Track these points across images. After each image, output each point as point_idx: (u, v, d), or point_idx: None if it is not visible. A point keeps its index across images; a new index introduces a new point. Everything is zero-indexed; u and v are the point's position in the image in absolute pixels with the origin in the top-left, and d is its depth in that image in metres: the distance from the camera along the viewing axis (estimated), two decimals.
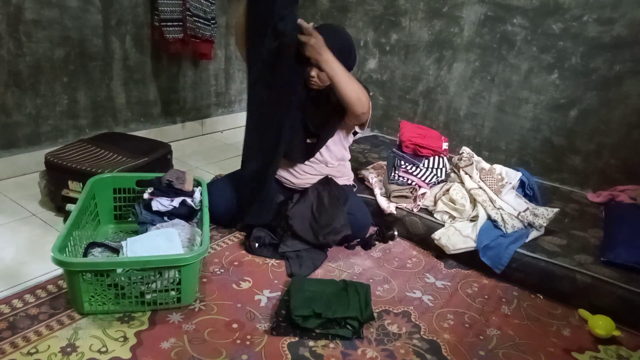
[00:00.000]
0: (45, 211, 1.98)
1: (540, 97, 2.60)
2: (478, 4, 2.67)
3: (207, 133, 3.30)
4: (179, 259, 1.34)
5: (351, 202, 1.88)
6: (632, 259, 1.66)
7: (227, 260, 1.73)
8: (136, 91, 2.74)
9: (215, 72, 3.22)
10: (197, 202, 1.76)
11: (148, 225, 1.67)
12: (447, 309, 1.58)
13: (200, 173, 2.54)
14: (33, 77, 2.24)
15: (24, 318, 1.33)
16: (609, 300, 1.59)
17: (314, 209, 1.83)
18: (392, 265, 1.83)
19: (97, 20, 2.42)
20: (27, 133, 2.29)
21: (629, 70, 2.32)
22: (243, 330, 1.37)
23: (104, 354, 1.23)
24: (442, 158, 2.21)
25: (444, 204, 2.00)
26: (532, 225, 1.89)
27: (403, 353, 1.35)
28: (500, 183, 2.06)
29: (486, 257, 1.76)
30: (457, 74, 2.85)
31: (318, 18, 3.32)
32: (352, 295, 1.49)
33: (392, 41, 3.06)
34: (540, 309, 1.64)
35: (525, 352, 1.41)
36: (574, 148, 2.56)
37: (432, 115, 3.02)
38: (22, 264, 1.61)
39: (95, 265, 1.33)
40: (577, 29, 2.41)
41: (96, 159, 1.99)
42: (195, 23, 2.73)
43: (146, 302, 1.38)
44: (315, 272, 1.72)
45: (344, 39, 1.77)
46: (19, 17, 2.12)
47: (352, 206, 1.87)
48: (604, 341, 1.50)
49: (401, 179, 2.07)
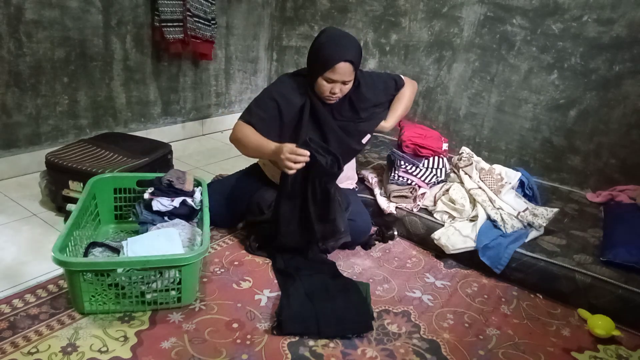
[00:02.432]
0: (45, 211, 1.99)
1: (539, 97, 2.60)
2: (478, 5, 2.68)
3: (207, 133, 3.31)
4: (179, 259, 1.34)
5: (352, 208, 1.86)
6: (631, 259, 1.66)
7: (227, 260, 1.73)
8: (136, 91, 2.74)
9: (215, 73, 3.23)
10: (198, 202, 1.77)
11: (148, 225, 1.68)
12: (447, 308, 1.59)
13: (200, 173, 2.54)
14: (33, 77, 2.25)
15: (24, 318, 1.33)
16: (609, 300, 1.59)
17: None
18: (392, 265, 1.83)
19: (97, 21, 2.42)
20: (27, 133, 2.30)
21: (628, 71, 2.32)
22: (243, 330, 1.37)
23: (105, 354, 1.23)
24: (441, 158, 2.21)
25: (443, 204, 2.00)
26: (531, 225, 1.89)
27: (403, 353, 1.35)
28: (499, 183, 2.06)
29: (486, 257, 1.77)
30: (456, 74, 2.86)
31: (318, 18, 3.33)
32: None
33: (392, 41, 3.06)
34: (540, 309, 1.64)
35: (524, 351, 1.42)
36: (573, 148, 2.56)
37: (431, 116, 3.02)
38: (23, 263, 1.61)
39: (96, 265, 1.33)
40: (577, 29, 2.41)
41: (97, 159, 2.00)
42: (195, 23, 2.74)
43: (146, 302, 1.39)
44: None
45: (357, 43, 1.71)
46: (20, 18, 2.13)
47: (353, 211, 1.85)
48: (603, 341, 1.50)
49: (401, 179, 2.08)
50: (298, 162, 1.55)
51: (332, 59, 1.61)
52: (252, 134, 1.72)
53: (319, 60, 1.65)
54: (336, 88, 1.67)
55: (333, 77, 1.64)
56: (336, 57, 1.61)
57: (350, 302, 1.49)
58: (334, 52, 1.62)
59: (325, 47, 1.65)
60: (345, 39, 1.68)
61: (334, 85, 1.67)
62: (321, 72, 1.65)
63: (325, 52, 1.63)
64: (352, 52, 1.64)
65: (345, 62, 1.62)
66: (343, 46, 1.63)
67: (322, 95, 1.72)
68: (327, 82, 1.66)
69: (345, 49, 1.63)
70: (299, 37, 3.47)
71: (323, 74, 1.65)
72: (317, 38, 1.69)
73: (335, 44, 1.64)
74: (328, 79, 1.65)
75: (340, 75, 1.64)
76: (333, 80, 1.65)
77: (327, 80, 1.66)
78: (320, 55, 1.65)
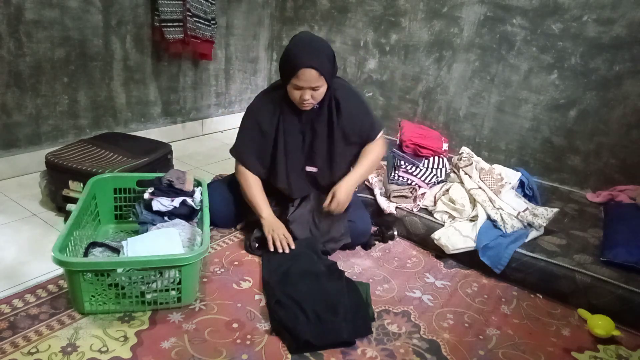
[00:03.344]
0: (45, 211, 1.98)
1: (539, 97, 2.60)
2: (478, 5, 2.68)
3: (207, 133, 3.31)
4: (179, 259, 1.34)
5: (352, 209, 1.85)
6: (631, 259, 1.66)
7: (227, 260, 1.73)
8: (136, 91, 2.74)
9: (215, 73, 3.23)
10: (198, 202, 1.77)
11: (148, 225, 1.67)
12: (447, 308, 1.59)
13: (200, 173, 2.54)
14: (33, 77, 2.25)
15: (24, 318, 1.33)
16: (609, 300, 1.59)
17: (314, 214, 1.82)
18: (392, 265, 1.83)
19: (97, 21, 2.42)
20: (27, 133, 2.30)
21: (628, 71, 2.33)
22: (243, 330, 1.37)
23: (105, 354, 1.23)
24: (441, 158, 2.21)
25: (443, 204, 2.00)
26: (531, 225, 1.89)
27: (403, 353, 1.35)
28: (499, 183, 2.06)
29: (486, 257, 1.77)
30: (456, 74, 2.86)
31: (318, 18, 3.33)
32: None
33: (392, 41, 3.06)
34: (540, 309, 1.64)
35: (524, 351, 1.42)
36: (573, 148, 2.56)
37: (431, 116, 3.02)
38: (23, 263, 1.61)
39: (96, 265, 1.33)
40: (577, 29, 2.41)
41: (97, 159, 2.00)
42: (195, 23, 2.74)
43: (147, 302, 1.39)
44: None
45: (328, 47, 1.68)
46: (20, 18, 2.13)
47: (352, 213, 1.85)
48: (603, 341, 1.50)
49: (401, 179, 2.08)
50: (279, 245, 1.71)
51: (296, 66, 1.58)
52: (254, 188, 1.82)
53: (285, 67, 1.64)
54: (306, 94, 1.63)
55: (299, 84, 1.61)
56: (299, 63, 1.58)
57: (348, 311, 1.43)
58: (297, 58, 1.59)
59: (291, 52, 1.62)
60: (312, 44, 1.64)
61: (304, 92, 1.63)
62: (289, 79, 1.63)
63: (291, 59, 1.61)
64: (316, 58, 1.59)
65: (308, 68, 1.57)
66: (307, 52, 1.59)
67: (295, 103, 1.70)
68: (295, 89, 1.64)
69: (309, 55, 1.59)
70: None
71: (290, 80, 1.62)
72: (288, 44, 1.67)
73: (300, 50, 1.60)
74: (295, 86, 1.63)
75: (305, 81, 1.60)
76: (300, 86, 1.62)
77: (295, 87, 1.63)
78: (287, 62, 1.63)
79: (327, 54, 1.64)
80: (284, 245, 1.71)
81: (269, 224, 1.77)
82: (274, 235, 1.73)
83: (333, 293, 1.48)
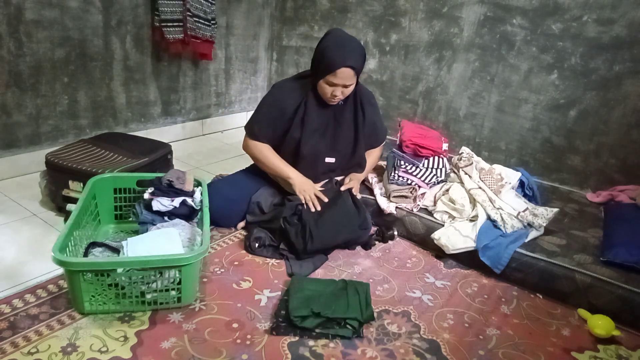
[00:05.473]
0: (45, 211, 1.99)
1: (539, 97, 2.60)
2: (478, 5, 2.68)
3: (207, 133, 3.31)
4: (179, 259, 1.34)
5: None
6: (631, 259, 1.66)
7: (227, 260, 1.73)
8: (136, 91, 2.75)
9: (215, 73, 3.23)
10: (198, 202, 1.77)
11: (148, 225, 1.68)
12: (447, 308, 1.59)
13: (200, 173, 2.54)
14: (33, 77, 2.25)
15: (24, 318, 1.33)
16: (609, 300, 1.59)
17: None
18: (392, 265, 1.83)
19: (97, 21, 2.43)
20: (27, 133, 2.30)
21: (628, 71, 2.33)
22: (243, 330, 1.37)
23: (105, 354, 1.23)
24: (441, 158, 2.21)
25: (443, 204, 2.00)
26: (531, 225, 1.89)
27: (403, 353, 1.35)
28: (499, 183, 2.06)
29: (486, 257, 1.77)
30: (456, 74, 2.86)
31: (318, 18, 3.33)
32: (351, 294, 1.49)
33: (392, 41, 3.06)
34: (540, 309, 1.64)
35: (524, 351, 1.41)
36: (573, 148, 2.56)
37: (431, 116, 3.02)
38: (23, 263, 1.61)
39: (96, 265, 1.33)
40: (577, 30, 2.41)
41: (97, 159, 2.00)
42: (195, 23, 2.74)
43: (146, 302, 1.39)
44: (315, 272, 1.72)
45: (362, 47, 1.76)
46: (20, 18, 2.13)
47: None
48: (603, 341, 1.50)
49: (401, 179, 2.08)
50: (311, 205, 1.76)
51: (334, 64, 1.65)
52: (272, 155, 1.86)
53: (322, 64, 1.69)
54: (337, 91, 1.71)
55: (334, 81, 1.68)
56: (339, 61, 1.64)
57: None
58: (336, 56, 1.65)
59: (328, 50, 1.67)
60: (349, 43, 1.70)
61: (336, 88, 1.71)
62: (323, 75, 1.69)
63: (328, 56, 1.66)
64: (354, 58, 1.67)
65: (347, 67, 1.65)
66: (347, 52, 1.66)
67: (324, 97, 1.76)
68: (328, 85, 1.70)
69: (348, 54, 1.65)
70: (299, 37, 3.47)
71: (325, 77, 1.69)
72: (322, 40, 1.72)
73: (339, 49, 1.66)
74: (330, 82, 1.69)
75: (341, 79, 1.68)
76: (334, 83, 1.69)
77: (328, 84, 1.70)
78: (324, 59, 1.68)
79: (361, 53, 1.73)
80: (316, 204, 1.77)
81: (299, 183, 1.81)
82: (305, 195, 1.78)
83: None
